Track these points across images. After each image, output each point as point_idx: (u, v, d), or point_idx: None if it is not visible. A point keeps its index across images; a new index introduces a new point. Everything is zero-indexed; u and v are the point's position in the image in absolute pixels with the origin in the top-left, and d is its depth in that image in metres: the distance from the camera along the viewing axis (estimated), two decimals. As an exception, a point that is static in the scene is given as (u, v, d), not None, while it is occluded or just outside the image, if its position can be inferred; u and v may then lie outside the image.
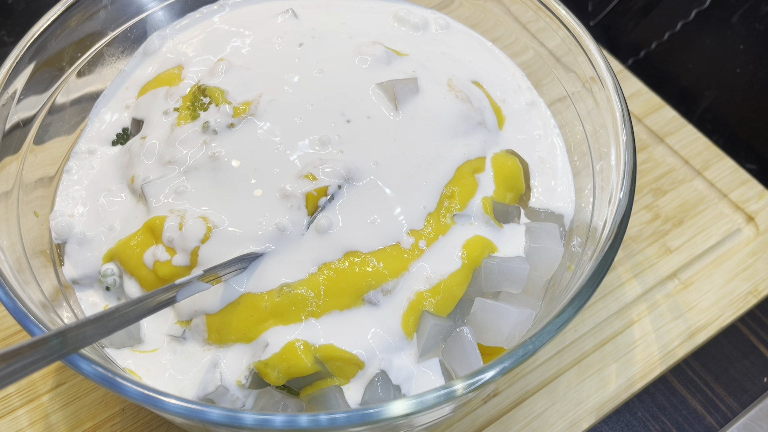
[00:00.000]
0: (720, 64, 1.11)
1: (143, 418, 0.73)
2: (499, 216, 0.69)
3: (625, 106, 0.68)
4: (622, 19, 1.19)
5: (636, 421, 0.78)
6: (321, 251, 0.63)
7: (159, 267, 0.63)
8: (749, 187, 0.93)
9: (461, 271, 0.64)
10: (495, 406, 0.75)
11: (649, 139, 0.98)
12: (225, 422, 0.48)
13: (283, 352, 0.59)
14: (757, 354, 0.83)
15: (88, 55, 0.77)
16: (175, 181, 0.66)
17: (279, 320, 0.61)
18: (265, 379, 0.60)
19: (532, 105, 0.80)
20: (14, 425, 0.72)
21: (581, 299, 0.55)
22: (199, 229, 0.63)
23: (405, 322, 0.62)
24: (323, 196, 0.64)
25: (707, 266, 0.86)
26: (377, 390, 0.59)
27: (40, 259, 0.65)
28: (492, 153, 0.73)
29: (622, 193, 0.62)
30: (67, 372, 0.75)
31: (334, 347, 0.60)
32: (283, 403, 0.60)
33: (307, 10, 0.82)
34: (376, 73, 0.73)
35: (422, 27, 0.83)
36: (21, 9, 1.12)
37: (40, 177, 0.71)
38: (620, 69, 1.06)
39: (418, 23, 0.83)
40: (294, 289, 0.61)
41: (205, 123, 0.68)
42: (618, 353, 0.79)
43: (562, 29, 0.75)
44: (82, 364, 0.50)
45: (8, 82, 0.67)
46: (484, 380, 0.50)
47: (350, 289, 0.62)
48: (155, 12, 0.82)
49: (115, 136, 0.76)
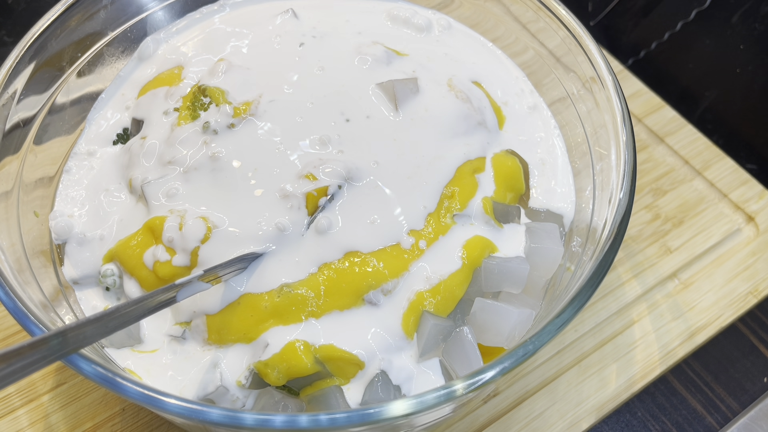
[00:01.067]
0: (720, 64, 1.11)
1: (143, 418, 0.73)
2: (500, 216, 0.69)
3: (625, 106, 0.68)
4: (622, 19, 1.19)
5: (636, 421, 0.78)
6: (321, 251, 0.63)
7: (159, 267, 0.63)
8: (749, 187, 0.93)
9: (461, 271, 0.64)
10: (495, 406, 0.75)
11: (649, 139, 0.98)
12: (225, 422, 0.48)
13: (283, 352, 0.59)
14: (757, 354, 0.83)
15: (88, 55, 0.77)
16: (175, 181, 0.66)
17: (279, 320, 0.61)
18: (265, 379, 0.60)
19: (533, 107, 0.80)
20: (14, 425, 0.72)
21: (581, 299, 0.55)
22: (199, 229, 0.63)
23: (405, 322, 0.62)
24: (323, 196, 0.64)
25: (707, 266, 0.86)
26: (377, 390, 0.59)
27: (40, 259, 0.65)
28: (492, 153, 0.73)
29: (622, 193, 0.62)
30: (67, 372, 0.75)
31: (334, 347, 0.60)
32: (283, 403, 0.60)
33: (307, 10, 0.82)
34: (376, 72, 0.73)
35: (423, 27, 0.83)
36: (21, 9, 1.12)
37: (40, 177, 0.71)
38: (620, 69, 1.06)
39: (420, 24, 0.83)
40: (294, 290, 0.61)
41: (206, 123, 0.68)
42: (618, 353, 0.79)
43: (562, 29, 0.75)
44: (82, 364, 0.50)
45: (8, 82, 0.67)
46: (484, 380, 0.50)
47: (350, 289, 0.62)
48: (155, 12, 0.82)
49: (116, 136, 0.76)
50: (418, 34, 0.83)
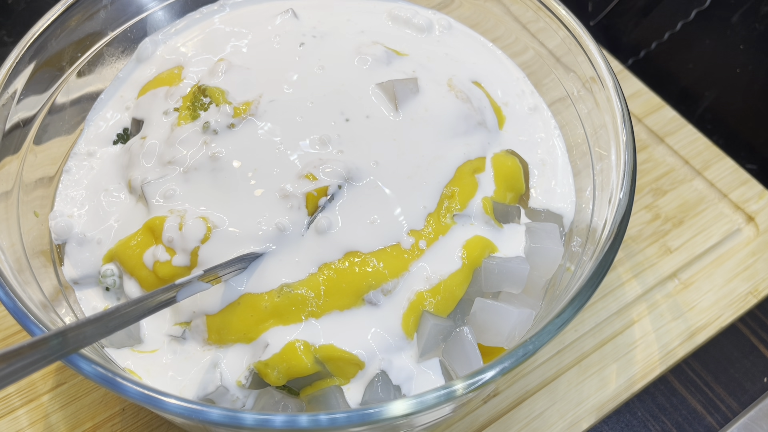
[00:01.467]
0: (720, 64, 1.11)
1: (143, 418, 0.73)
2: (499, 216, 0.69)
3: (625, 106, 0.68)
4: (622, 19, 1.19)
5: (636, 421, 0.78)
6: (321, 251, 0.63)
7: (159, 267, 0.63)
8: (749, 187, 0.93)
9: (461, 271, 0.64)
10: (495, 406, 0.75)
11: (649, 139, 0.98)
12: (225, 422, 0.48)
13: (284, 352, 0.59)
14: (757, 354, 0.83)
15: (88, 55, 0.77)
16: (175, 181, 0.66)
17: (279, 320, 0.61)
18: (265, 379, 0.60)
19: (533, 108, 0.80)
20: (14, 425, 0.72)
21: (581, 299, 0.55)
22: (199, 229, 0.63)
23: (405, 322, 0.62)
24: (323, 196, 0.64)
25: (707, 266, 0.86)
26: (377, 390, 0.59)
27: (40, 259, 0.65)
28: (492, 153, 0.73)
29: (622, 193, 0.62)
30: (67, 372, 0.75)
31: (334, 347, 0.60)
32: (283, 403, 0.60)
33: (307, 10, 0.82)
34: (376, 72, 0.73)
35: (424, 28, 0.83)
36: (21, 9, 1.12)
37: (40, 177, 0.71)
38: (620, 69, 1.06)
39: (420, 24, 0.82)
40: (294, 290, 0.61)
41: (206, 123, 0.68)
42: (618, 353, 0.79)
43: (562, 29, 0.75)
44: (82, 364, 0.50)
45: (8, 82, 0.67)
46: (484, 380, 0.50)
47: (350, 290, 0.62)
48: (155, 12, 0.82)
49: (116, 136, 0.76)
50: (419, 34, 0.83)
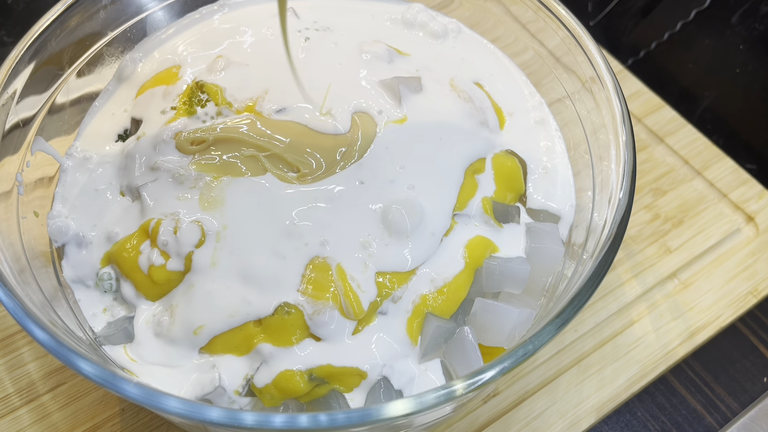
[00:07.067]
0: (720, 64, 1.11)
1: (143, 418, 0.73)
2: (499, 216, 0.69)
3: (625, 106, 0.68)
4: (622, 19, 1.19)
5: (636, 421, 0.78)
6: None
7: (154, 271, 0.63)
8: (749, 187, 0.93)
9: (464, 272, 0.64)
10: (495, 406, 0.75)
11: (649, 139, 0.98)
12: (225, 422, 0.47)
13: (277, 381, 0.58)
14: (757, 354, 0.83)
15: (88, 55, 0.77)
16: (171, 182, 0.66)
17: (274, 342, 0.60)
18: (261, 400, 0.59)
19: (533, 108, 0.80)
20: (15, 425, 0.72)
21: (581, 299, 0.55)
22: (194, 233, 0.62)
23: (410, 326, 0.62)
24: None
25: (707, 266, 0.86)
26: (379, 397, 0.59)
27: (40, 259, 0.65)
28: (492, 153, 0.72)
29: (622, 193, 0.62)
30: (67, 372, 0.75)
31: (332, 367, 0.59)
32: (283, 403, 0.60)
33: (307, 11, 0.81)
34: (378, 71, 0.73)
35: (425, 29, 0.83)
36: (21, 9, 1.11)
37: (40, 177, 0.70)
38: (620, 69, 1.06)
39: (422, 24, 0.82)
40: (292, 309, 0.60)
41: (203, 122, 0.67)
42: (618, 353, 0.79)
43: (561, 29, 0.75)
44: (82, 364, 0.50)
45: (8, 82, 0.67)
46: (484, 380, 0.50)
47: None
48: (155, 12, 0.82)
49: (116, 136, 0.76)
50: (421, 35, 0.83)
